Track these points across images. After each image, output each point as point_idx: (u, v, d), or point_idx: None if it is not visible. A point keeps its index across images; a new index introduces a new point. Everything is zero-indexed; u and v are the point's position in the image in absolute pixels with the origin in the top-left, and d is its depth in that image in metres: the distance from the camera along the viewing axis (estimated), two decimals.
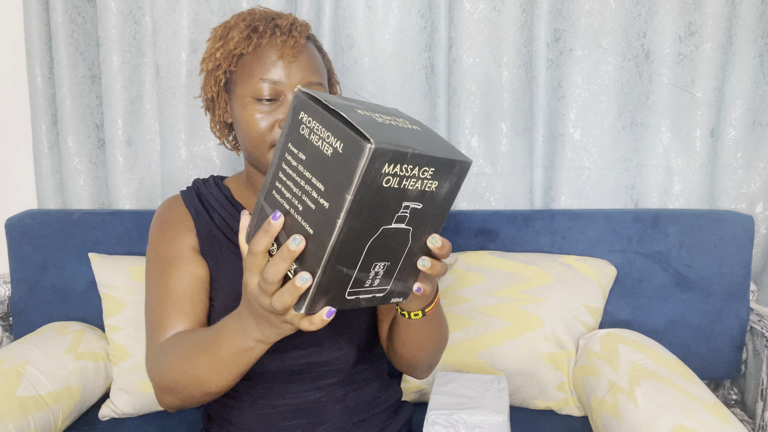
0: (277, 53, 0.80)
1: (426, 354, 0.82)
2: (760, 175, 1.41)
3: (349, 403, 0.90)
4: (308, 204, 0.50)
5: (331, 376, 0.88)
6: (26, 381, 1.08)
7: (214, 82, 0.85)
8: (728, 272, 1.31)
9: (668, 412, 0.93)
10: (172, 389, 0.73)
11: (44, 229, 1.36)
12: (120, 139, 1.45)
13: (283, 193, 0.53)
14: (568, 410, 1.23)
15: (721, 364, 1.33)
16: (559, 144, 1.43)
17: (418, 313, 0.73)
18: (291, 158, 0.52)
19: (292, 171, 0.52)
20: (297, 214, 0.52)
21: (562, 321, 1.23)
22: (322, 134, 0.49)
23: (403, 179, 0.49)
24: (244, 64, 0.82)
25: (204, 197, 0.92)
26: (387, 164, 0.47)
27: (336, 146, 0.48)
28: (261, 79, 0.80)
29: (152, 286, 0.86)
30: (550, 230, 1.35)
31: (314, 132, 0.50)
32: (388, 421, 0.94)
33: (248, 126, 0.81)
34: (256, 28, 0.82)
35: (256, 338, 0.62)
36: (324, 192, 0.49)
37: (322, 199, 0.49)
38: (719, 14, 1.33)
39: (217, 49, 0.83)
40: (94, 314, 1.33)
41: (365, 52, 1.42)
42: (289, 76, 0.80)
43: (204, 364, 0.68)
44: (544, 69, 1.38)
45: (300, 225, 0.51)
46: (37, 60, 1.44)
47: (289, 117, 0.53)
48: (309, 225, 0.50)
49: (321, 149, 0.49)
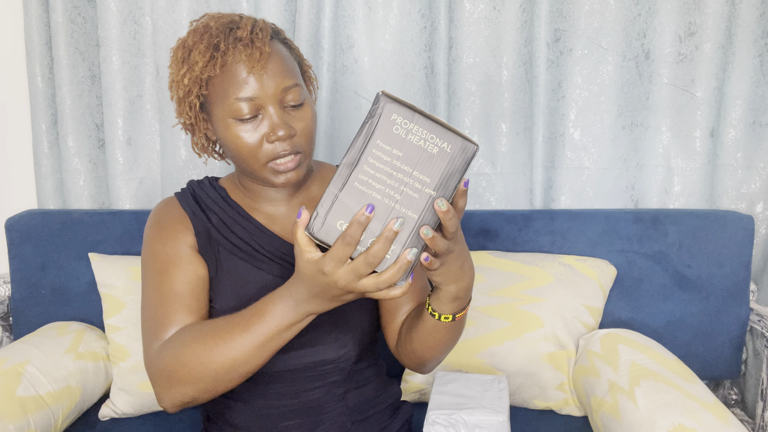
0: (246, 68, 0.78)
1: (442, 352, 0.82)
2: (760, 175, 1.41)
3: (349, 402, 0.90)
4: (410, 193, 0.60)
5: (333, 375, 0.88)
6: (26, 381, 1.08)
7: (189, 107, 0.83)
8: (728, 272, 1.31)
9: (668, 412, 0.93)
10: (195, 380, 0.73)
11: (44, 229, 1.36)
12: (120, 139, 1.45)
13: (372, 185, 0.60)
14: (568, 410, 1.23)
15: (721, 364, 1.33)
16: (559, 144, 1.43)
17: (448, 317, 0.74)
18: (381, 153, 0.60)
19: (384, 165, 0.60)
20: (394, 202, 0.60)
21: (562, 321, 1.23)
22: (424, 135, 0.60)
23: None
24: (215, 85, 0.80)
25: (200, 198, 0.91)
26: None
27: (442, 146, 0.59)
28: (237, 99, 0.78)
29: (151, 286, 0.84)
30: (550, 230, 1.35)
31: (412, 132, 0.60)
32: (388, 421, 0.94)
33: (237, 147, 0.80)
34: (216, 45, 0.79)
35: (308, 311, 0.67)
36: (430, 183, 0.60)
37: (427, 188, 0.60)
38: (719, 14, 1.33)
39: (183, 75, 0.81)
40: (94, 314, 1.33)
41: (365, 52, 1.42)
42: (263, 87, 0.78)
43: (243, 345, 0.70)
44: (544, 69, 1.38)
45: (396, 211, 0.60)
46: (37, 60, 1.44)
47: (374, 117, 0.60)
48: (412, 211, 0.60)
49: (424, 148, 0.60)
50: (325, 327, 0.87)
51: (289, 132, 0.79)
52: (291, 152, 0.80)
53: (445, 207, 0.59)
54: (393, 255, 0.61)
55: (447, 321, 0.74)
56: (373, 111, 0.60)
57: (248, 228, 0.88)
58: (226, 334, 0.71)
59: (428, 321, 0.77)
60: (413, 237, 0.61)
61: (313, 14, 1.38)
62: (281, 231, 0.89)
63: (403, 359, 0.88)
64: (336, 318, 0.86)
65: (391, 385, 0.98)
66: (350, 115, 1.45)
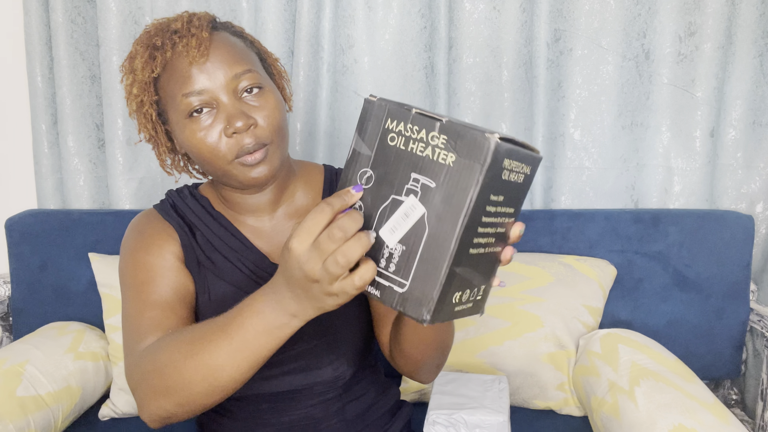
0: (186, 60, 0.72)
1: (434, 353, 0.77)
2: (760, 175, 1.41)
3: (347, 414, 0.87)
4: (501, 232, 0.54)
5: (328, 393, 0.85)
6: (26, 381, 1.08)
7: (146, 119, 0.78)
8: (728, 272, 1.31)
9: (668, 412, 0.93)
10: (169, 390, 0.64)
11: (44, 229, 1.36)
12: (120, 139, 1.45)
13: (481, 243, 0.53)
14: (568, 410, 1.23)
15: (721, 364, 1.33)
16: (559, 144, 1.43)
17: None
18: (492, 207, 0.51)
19: (493, 218, 0.52)
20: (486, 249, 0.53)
21: (562, 321, 1.23)
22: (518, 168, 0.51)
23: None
24: (163, 87, 0.75)
25: (182, 212, 0.84)
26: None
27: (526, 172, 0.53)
28: (184, 96, 0.72)
29: (133, 297, 0.77)
30: (550, 230, 1.35)
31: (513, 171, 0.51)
32: (388, 424, 0.92)
33: (197, 149, 0.74)
34: (155, 45, 0.74)
35: (292, 312, 0.57)
36: (512, 213, 0.54)
37: (510, 218, 0.54)
38: (719, 14, 1.33)
39: (131, 85, 0.76)
40: (94, 314, 1.33)
41: (365, 52, 1.42)
42: (210, 78, 0.72)
43: (221, 350, 0.60)
44: (544, 69, 1.38)
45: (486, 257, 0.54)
46: (37, 60, 1.44)
47: (488, 170, 0.48)
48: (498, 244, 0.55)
49: (516, 182, 0.52)
50: (319, 350, 0.83)
51: (248, 121, 0.72)
52: (256, 145, 0.73)
53: (520, 230, 0.56)
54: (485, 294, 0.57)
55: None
56: (484, 160, 0.47)
57: (234, 246, 0.83)
58: (203, 338, 0.62)
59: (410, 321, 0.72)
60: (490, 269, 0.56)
61: (313, 14, 1.38)
62: (267, 247, 0.84)
63: (398, 364, 0.83)
64: (329, 340, 0.84)
65: (390, 388, 0.96)
66: (350, 115, 1.45)
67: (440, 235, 0.49)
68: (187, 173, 0.87)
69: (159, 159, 0.83)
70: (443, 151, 0.49)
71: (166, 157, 0.83)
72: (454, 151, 0.48)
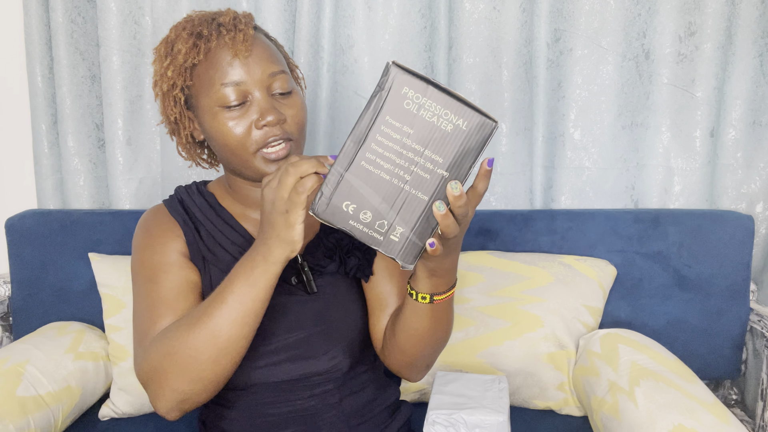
0: (231, 52, 0.76)
1: (426, 348, 0.80)
2: (760, 175, 1.41)
3: (345, 408, 0.88)
4: (420, 174, 0.56)
5: (326, 384, 0.86)
6: (26, 381, 1.08)
7: (174, 102, 0.81)
8: (728, 272, 1.31)
9: (668, 412, 0.93)
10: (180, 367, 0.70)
11: (44, 229, 1.36)
12: (120, 139, 1.45)
13: (380, 164, 0.56)
14: (568, 410, 1.23)
15: (721, 364, 1.33)
16: (559, 144, 1.43)
17: (426, 297, 0.71)
18: (390, 130, 0.56)
19: (394, 143, 0.56)
20: (403, 183, 0.57)
21: (562, 321, 1.23)
22: (437, 111, 0.55)
23: None
24: (199, 75, 0.78)
25: (188, 207, 0.88)
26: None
27: (457, 123, 0.55)
28: (222, 85, 0.76)
29: (141, 295, 0.81)
30: (550, 230, 1.35)
31: (425, 108, 0.55)
32: (386, 422, 0.92)
33: (224, 137, 0.77)
34: (200, 33, 0.78)
35: (263, 254, 0.66)
36: (442, 163, 0.56)
37: (440, 169, 0.56)
38: (719, 14, 1.33)
39: (166, 68, 0.79)
40: (94, 314, 1.33)
41: (365, 52, 1.42)
42: (250, 72, 0.76)
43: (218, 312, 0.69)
44: (544, 69, 1.38)
45: (406, 193, 0.57)
46: (37, 60, 1.44)
47: (383, 90, 0.55)
48: (422, 192, 0.57)
49: (437, 125, 0.55)
50: (314, 340, 0.84)
51: (279, 117, 0.76)
52: (281, 138, 0.77)
53: (457, 191, 0.56)
54: (401, 238, 0.58)
55: (425, 303, 0.72)
56: (382, 83, 0.55)
57: (237, 241, 0.85)
58: (203, 311, 0.70)
59: (408, 304, 0.75)
60: (423, 220, 0.58)
61: (313, 14, 1.38)
62: None
63: (389, 358, 0.85)
64: (324, 330, 0.85)
65: (389, 387, 0.96)
66: (350, 115, 1.45)
67: (344, 145, 0.57)
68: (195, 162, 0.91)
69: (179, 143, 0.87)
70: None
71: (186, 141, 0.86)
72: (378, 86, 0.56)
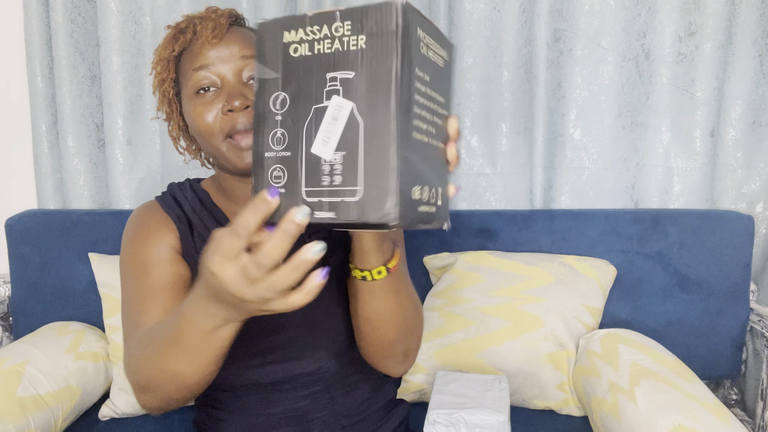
0: (202, 39, 0.77)
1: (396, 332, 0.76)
2: (760, 175, 1.41)
3: (338, 408, 0.87)
4: (437, 122, 0.50)
5: (315, 385, 0.85)
6: (26, 381, 1.08)
7: (164, 96, 0.83)
8: (728, 272, 1.31)
9: (668, 412, 0.93)
10: (148, 387, 0.67)
11: (44, 229, 1.36)
12: (120, 139, 1.45)
13: (420, 128, 0.48)
14: (568, 410, 1.23)
15: (721, 364, 1.33)
16: (559, 144, 1.43)
17: (381, 270, 0.67)
18: (420, 85, 0.47)
19: (423, 98, 0.48)
20: (431, 138, 0.49)
21: (562, 321, 1.23)
22: (435, 48, 0.49)
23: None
24: (181, 66, 0.80)
25: (181, 204, 0.87)
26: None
27: (444, 56, 0.51)
28: (194, 70, 0.77)
29: (129, 289, 0.80)
30: (550, 230, 1.35)
31: (430, 48, 0.48)
32: (381, 422, 0.92)
33: (196, 123, 0.77)
34: (180, 28, 0.80)
35: (225, 318, 0.57)
36: (445, 103, 0.52)
37: (443, 110, 0.51)
38: (719, 14, 1.33)
39: (156, 63, 0.82)
40: (94, 314, 1.33)
41: None
42: (220, 56, 0.76)
43: (173, 355, 0.62)
44: (544, 69, 1.38)
45: (434, 147, 0.50)
46: (37, 60, 1.44)
47: (403, 36, 0.44)
48: (440, 141, 0.51)
49: (437, 63, 0.50)
50: (299, 341, 0.83)
51: (245, 102, 0.74)
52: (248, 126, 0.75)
53: (455, 125, 0.53)
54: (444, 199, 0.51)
55: (381, 277, 0.68)
56: (396, 26, 0.44)
57: None
58: (159, 344, 0.64)
59: (362, 288, 0.70)
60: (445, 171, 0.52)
61: None
62: None
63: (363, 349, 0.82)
64: (308, 331, 0.84)
65: (384, 385, 0.95)
66: None
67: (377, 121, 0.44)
68: (198, 159, 0.91)
69: (171, 137, 0.87)
70: (351, 37, 0.45)
71: (179, 136, 0.86)
72: (363, 32, 0.45)
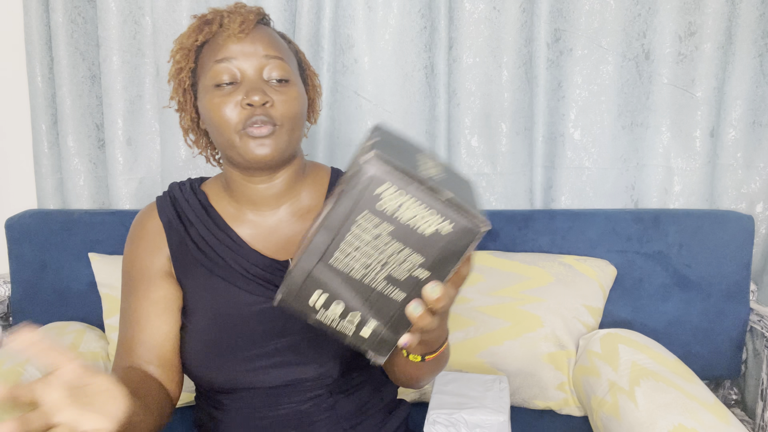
0: (227, 33, 0.77)
1: (423, 382, 0.81)
2: (760, 175, 1.41)
3: (339, 410, 0.86)
4: (397, 272, 0.52)
5: (317, 389, 0.85)
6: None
7: (179, 85, 0.82)
8: (728, 272, 1.31)
9: (668, 412, 0.93)
10: None
11: (44, 229, 1.36)
12: (120, 139, 1.45)
13: (354, 257, 0.52)
14: (568, 410, 1.23)
15: (721, 364, 1.33)
16: (559, 144, 1.43)
17: (417, 357, 0.70)
18: (369, 225, 0.51)
19: (372, 237, 0.51)
20: (376, 283, 0.53)
21: (562, 321, 1.23)
22: (418, 211, 0.50)
23: None
24: (202, 57, 0.80)
25: (179, 206, 0.86)
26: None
27: (442, 225, 0.50)
28: (216, 62, 0.76)
29: (123, 304, 0.85)
30: (550, 230, 1.35)
31: (406, 207, 0.50)
32: (383, 422, 0.91)
33: (212, 115, 0.77)
34: (206, 20, 0.80)
35: None
36: (424, 263, 0.52)
37: (419, 269, 0.52)
38: (719, 14, 1.33)
39: (176, 52, 0.82)
40: (94, 314, 1.33)
41: (365, 52, 1.42)
42: (243, 51, 0.76)
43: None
44: (544, 69, 1.38)
45: (378, 293, 0.53)
46: (37, 60, 1.44)
47: (360, 183, 0.49)
48: (400, 290, 0.53)
49: (415, 228, 0.50)
50: (302, 347, 0.83)
51: (264, 98, 0.74)
52: (265, 120, 0.75)
53: (436, 293, 0.53)
54: (374, 333, 0.55)
55: (416, 361, 0.71)
56: (360, 174, 0.49)
57: (227, 243, 0.84)
58: None
59: (399, 356, 0.74)
60: (398, 317, 0.54)
61: (313, 14, 1.38)
62: (262, 244, 0.84)
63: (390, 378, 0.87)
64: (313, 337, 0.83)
65: (385, 386, 0.94)
66: (350, 115, 1.45)
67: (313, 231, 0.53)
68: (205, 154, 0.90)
69: (182, 128, 0.87)
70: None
71: (189, 128, 0.86)
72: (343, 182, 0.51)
